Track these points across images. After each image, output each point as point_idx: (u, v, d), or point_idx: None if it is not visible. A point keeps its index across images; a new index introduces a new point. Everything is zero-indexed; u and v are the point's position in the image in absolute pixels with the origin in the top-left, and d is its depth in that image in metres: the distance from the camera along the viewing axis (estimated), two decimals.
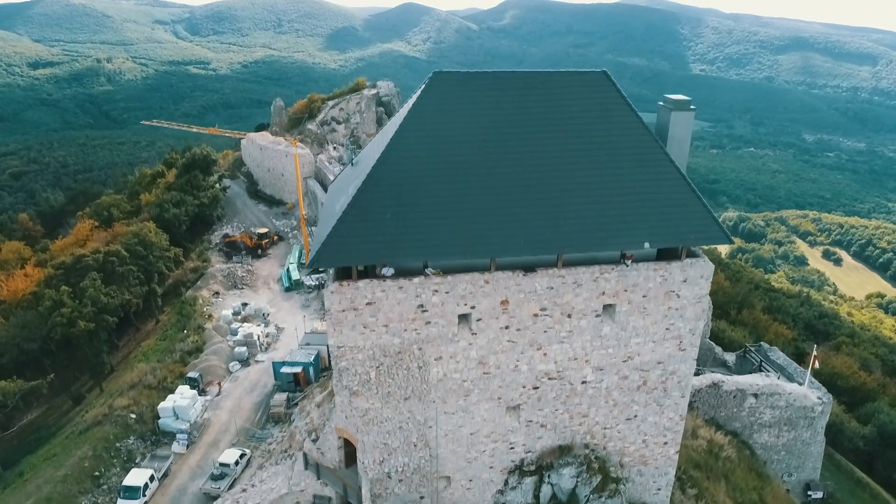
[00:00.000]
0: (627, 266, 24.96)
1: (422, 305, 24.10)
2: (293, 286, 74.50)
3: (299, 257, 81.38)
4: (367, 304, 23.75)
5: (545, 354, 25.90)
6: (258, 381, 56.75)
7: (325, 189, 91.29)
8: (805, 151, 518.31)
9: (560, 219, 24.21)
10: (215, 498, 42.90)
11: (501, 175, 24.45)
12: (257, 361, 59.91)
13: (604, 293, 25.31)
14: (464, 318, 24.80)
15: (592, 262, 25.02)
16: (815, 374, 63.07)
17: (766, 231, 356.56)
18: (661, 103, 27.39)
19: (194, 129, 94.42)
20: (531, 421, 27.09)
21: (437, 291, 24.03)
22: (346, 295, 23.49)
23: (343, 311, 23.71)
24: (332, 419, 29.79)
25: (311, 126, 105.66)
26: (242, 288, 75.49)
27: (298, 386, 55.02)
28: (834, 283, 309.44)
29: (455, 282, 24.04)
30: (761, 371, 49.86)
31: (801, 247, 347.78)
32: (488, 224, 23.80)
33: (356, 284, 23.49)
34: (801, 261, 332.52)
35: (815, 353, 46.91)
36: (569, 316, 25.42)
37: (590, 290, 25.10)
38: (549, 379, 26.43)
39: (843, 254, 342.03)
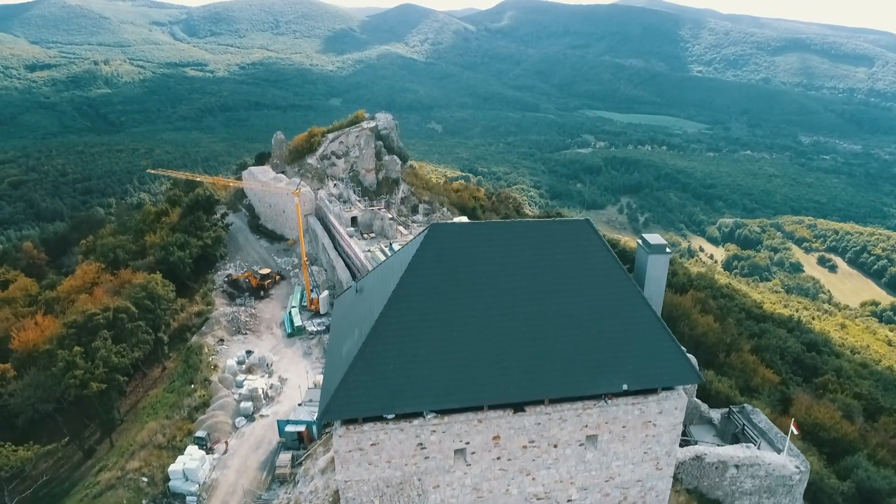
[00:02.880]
0: (607, 403, 27.39)
1: (421, 444, 26.51)
2: (295, 332, 76.83)
3: (301, 300, 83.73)
4: (372, 444, 26.16)
5: (533, 479, 28.35)
6: (263, 438, 59.17)
7: (326, 227, 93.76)
8: (801, 154, 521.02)
9: (546, 364, 26.62)
10: None
11: (493, 323, 26.82)
12: (262, 416, 62.32)
13: (587, 426, 27.74)
14: (459, 451, 27.21)
15: (576, 398, 27.40)
16: (799, 423, 65.87)
17: (762, 237, 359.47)
18: (640, 244, 29.75)
19: (198, 178, 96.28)
20: None
21: (434, 431, 26.44)
22: (353, 437, 25.89)
23: (350, 451, 26.12)
24: None
25: (311, 161, 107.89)
26: (246, 333, 77.81)
27: (302, 443, 57.51)
28: (829, 291, 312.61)
29: (451, 422, 26.45)
30: (744, 433, 52.37)
31: (797, 253, 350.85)
32: (481, 371, 26.19)
33: (361, 428, 25.88)
34: (797, 268, 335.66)
35: (792, 425, 49.27)
36: (555, 446, 27.85)
37: (574, 423, 27.54)
38: (538, 499, 28.87)
39: (838, 260, 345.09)
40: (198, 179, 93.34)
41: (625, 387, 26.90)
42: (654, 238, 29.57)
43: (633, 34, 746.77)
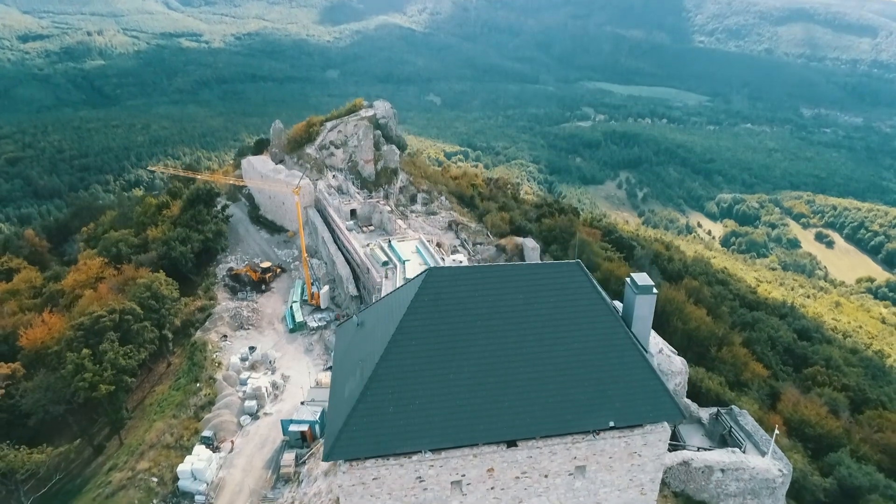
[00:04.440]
0: (595, 438, 29.01)
1: (420, 477, 28.17)
2: (297, 328, 78.53)
3: (301, 294, 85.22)
4: (374, 479, 27.81)
5: None
6: (268, 437, 61.28)
7: (325, 220, 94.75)
8: (802, 128, 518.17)
9: (537, 402, 28.13)
10: None
11: (487, 365, 28.25)
12: (266, 414, 64.39)
13: (576, 458, 29.39)
14: (456, 483, 28.89)
15: (566, 433, 29.01)
16: (786, 419, 68.11)
17: (760, 213, 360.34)
18: (629, 283, 31.04)
19: (199, 177, 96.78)
20: None
21: (432, 466, 28.07)
22: (356, 473, 27.53)
23: (353, 485, 27.79)
24: None
25: (310, 150, 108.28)
26: (248, 328, 79.54)
27: (305, 442, 59.66)
28: (825, 267, 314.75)
29: (448, 457, 28.06)
30: (731, 435, 54.47)
31: (795, 229, 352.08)
32: (476, 411, 27.71)
33: (364, 464, 27.50)
34: (794, 244, 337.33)
35: (776, 430, 51.26)
36: (546, 476, 29.54)
37: (563, 456, 29.18)
38: None
39: (835, 236, 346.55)
40: (198, 177, 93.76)
41: (611, 423, 28.46)
42: (642, 278, 30.82)
43: (636, 3, 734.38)
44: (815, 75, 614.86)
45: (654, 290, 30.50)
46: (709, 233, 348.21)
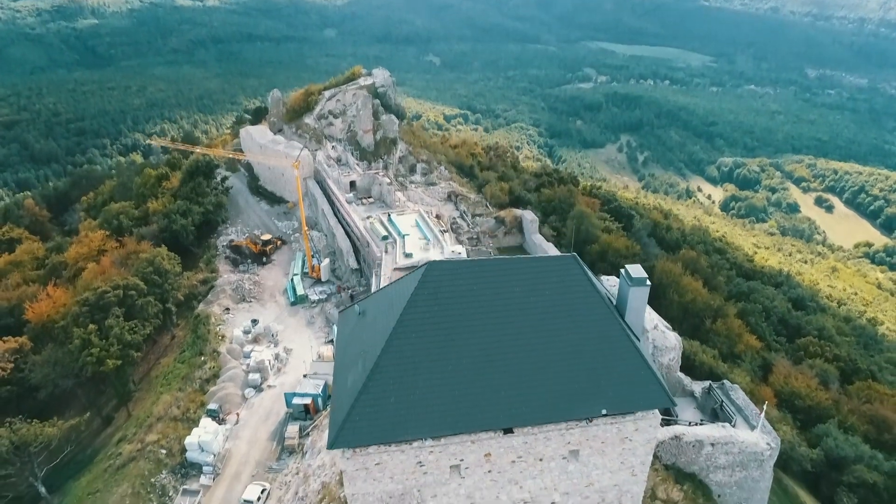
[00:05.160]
0: (588, 424, 30.19)
1: (420, 462, 29.43)
2: (298, 301, 79.63)
3: (302, 266, 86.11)
4: (376, 464, 29.06)
5: (521, 487, 31.49)
6: (272, 409, 62.98)
7: (325, 192, 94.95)
8: (806, 89, 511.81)
9: (533, 392, 29.19)
10: None
11: (485, 356, 29.19)
12: (270, 387, 65.99)
13: (569, 443, 30.62)
14: (454, 467, 30.18)
15: (560, 419, 30.19)
16: (777, 391, 69.83)
17: (761, 177, 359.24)
18: (623, 275, 31.77)
19: (198, 150, 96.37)
20: None
21: (432, 452, 29.30)
22: (359, 459, 28.75)
23: (356, 470, 29.07)
24: None
25: (309, 120, 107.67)
26: (251, 301, 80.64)
27: (309, 414, 61.39)
28: (824, 232, 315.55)
29: (447, 443, 29.25)
30: (723, 409, 56.08)
31: (795, 193, 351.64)
32: (474, 400, 28.77)
33: (366, 451, 28.68)
34: (794, 208, 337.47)
35: (765, 405, 52.75)
36: (540, 460, 30.83)
37: (558, 441, 30.41)
38: (525, 503, 32.18)
39: (835, 200, 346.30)
40: (196, 151, 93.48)
41: (604, 412, 29.59)
42: (636, 270, 31.49)
43: None
44: (821, 35, 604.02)
45: (648, 283, 31.23)
46: (709, 197, 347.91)
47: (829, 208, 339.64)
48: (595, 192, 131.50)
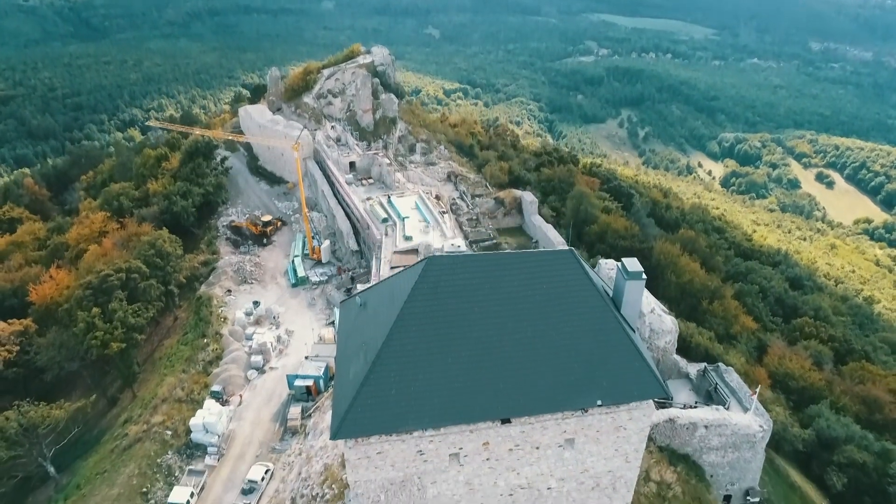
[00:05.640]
0: (584, 414, 31.02)
1: (420, 451, 30.31)
2: (299, 282, 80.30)
3: (303, 248, 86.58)
4: (378, 453, 29.95)
5: (518, 474, 32.46)
6: (274, 390, 64.08)
7: (324, 173, 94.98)
8: (809, 63, 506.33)
9: (531, 384, 29.92)
10: None
11: (484, 348, 29.86)
12: (272, 368, 67.02)
13: (565, 432, 31.48)
14: (454, 455, 31.10)
15: (556, 410, 31.00)
16: (771, 372, 70.94)
17: (762, 153, 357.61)
18: (619, 268, 32.29)
19: (197, 132, 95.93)
20: None
21: (432, 441, 30.17)
22: (361, 449, 29.64)
23: (359, 458, 29.99)
24: None
25: (308, 100, 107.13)
26: (252, 283, 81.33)
27: (310, 396, 62.49)
28: (824, 208, 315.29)
29: (446, 433, 30.10)
30: (717, 391, 57.17)
31: (795, 169, 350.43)
32: (473, 392, 29.52)
33: (368, 441, 29.56)
34: (794, 184, 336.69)
35: (758, 388, 53.80)
36: (537, 448, 31.73)
37: (554, 430, 31.27)
38: (521, 489, 33.16)
39: (836, 176, 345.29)
40: (196, 132, 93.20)
41: (599, 402, 30.38)
42: (632, 264, 32.01)
43: None
44: (825, 7, 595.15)
45: (643, 276, 31.77)
46: (709, 173, 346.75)
47: (830, 184, 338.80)
48: (595, 171, 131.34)
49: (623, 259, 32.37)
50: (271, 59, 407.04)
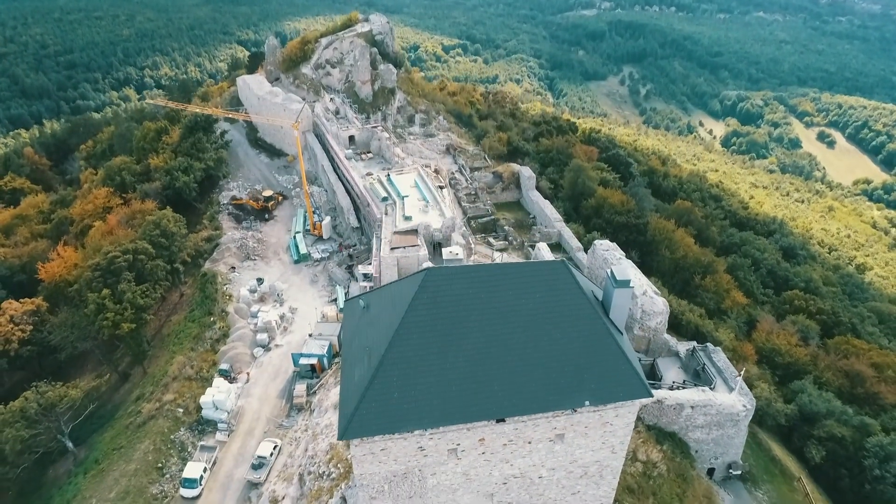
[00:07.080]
0: (573, 412, 33.28)
1: (421, 447, 32.70)
2: (301, 259, 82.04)
3: (304, 223, 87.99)
4: (381, 450, 32.36)
5: (511, 465, 35.01)
6: (280, 367, 66.63)
7: (324, 147, 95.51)
8: (816, 16, 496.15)
9: (524, 387, 32.06)
10: (256, 485, 54.56)
11: (480, 354, 31.87)
12: (277, 346, 69.43)
13: (555, 428, 33.83)
14: (452, 450, 33.52)
15: (547, 411, 33.26)
16: (758, 348, 73.48)
17: (764, 111, 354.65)
18: (609, 276, 33.99)
19: (196, 109, 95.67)
20: (502, 501, 36.89)
21: (432, 438, 32.52)
22: (366, 446, 32.01)
23: (364, 454, 32.40)
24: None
25: (306, 70, 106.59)
26: (255, 259, 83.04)
27: (315, 373, 65.09)
28: (824, 168, 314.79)
29: (445, 431, 32.41)
30: (704, 371, 59.69)
31: (797, 128, 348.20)
32: (470, 395, 31.69)
33: (372, 439, 31.90)
34: (795, 144, 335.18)
35: (742, 372, 56.22)
36: (529, 442, 34.15)
37: (545, 427, 33.60)
38: (515, 478, 35.78)
39: (837, 135, 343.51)
40: (195, 110, 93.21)
41: (587, 403, 32.59)
42: (621, 272, 33.68)
43: None
44: None
45: (631, 284, 33.51)
46: (710, 132, 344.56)
47: (831, 144, 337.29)
48: (594, 138, 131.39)
49: (612, 267, 34.02)
50: (266, 13, 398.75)
